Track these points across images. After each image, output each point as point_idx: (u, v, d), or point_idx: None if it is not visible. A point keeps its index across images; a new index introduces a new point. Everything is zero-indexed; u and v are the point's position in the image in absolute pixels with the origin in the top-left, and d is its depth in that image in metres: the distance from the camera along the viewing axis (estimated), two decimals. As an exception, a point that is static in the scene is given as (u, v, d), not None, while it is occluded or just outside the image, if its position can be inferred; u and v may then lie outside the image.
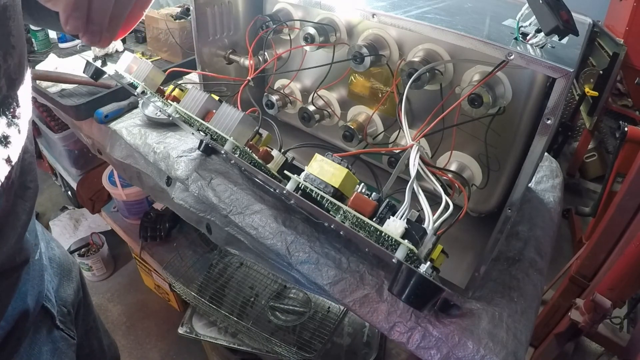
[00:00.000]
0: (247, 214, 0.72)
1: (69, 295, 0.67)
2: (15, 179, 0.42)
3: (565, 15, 0.43)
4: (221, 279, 1.37)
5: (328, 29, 0.71)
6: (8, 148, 0.39)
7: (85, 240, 1.83)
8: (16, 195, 0.43)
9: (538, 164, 0.49)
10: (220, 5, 0.80)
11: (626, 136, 1.40)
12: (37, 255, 0.56)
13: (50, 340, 0.58)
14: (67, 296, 0.66)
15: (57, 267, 0.67)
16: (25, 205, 0.45)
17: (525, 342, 0.56)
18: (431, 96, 0.67)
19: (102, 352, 0.82)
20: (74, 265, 0.73)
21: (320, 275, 0.64)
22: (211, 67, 0.84)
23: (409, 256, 0.44)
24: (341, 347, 1.24)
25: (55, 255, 0.68)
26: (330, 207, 0.49)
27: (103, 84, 1.06)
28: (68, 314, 0.64)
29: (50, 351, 0.57)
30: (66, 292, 0.66)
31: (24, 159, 0.43)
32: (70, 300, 0.66)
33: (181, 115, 0.66)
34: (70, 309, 0.65)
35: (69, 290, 0.67)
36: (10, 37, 0.37)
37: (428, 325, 0.57)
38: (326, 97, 0.80)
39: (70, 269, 0.71)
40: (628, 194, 1.13)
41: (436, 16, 0.54)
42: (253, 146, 0.62)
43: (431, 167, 0.51)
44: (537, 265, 0.67)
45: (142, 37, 1.42)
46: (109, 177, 1.47)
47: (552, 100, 0.43)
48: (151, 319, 1.71)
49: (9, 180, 0.40)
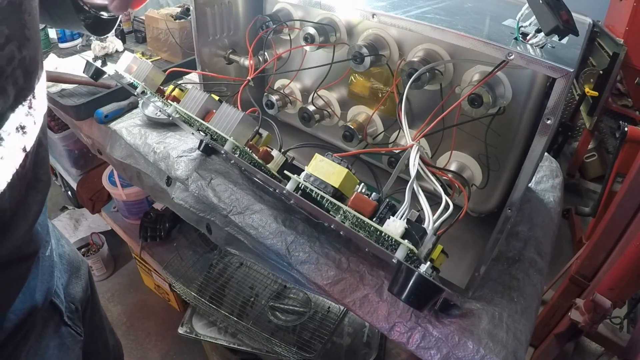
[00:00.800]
0: (247, 214, 0.72)
1: (78, 292, 0.68)
2: (30, 170, 0.43)
3: (565, 15, 0.43)
4: (221, 279, 1.37)
5: (328, 29, 0.71)
6: (24, 137, 0.41)
7: (85, 240, 1.83)
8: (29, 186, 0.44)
9: (538, 164, 0.49)
10: (220, 5, 0.80)
11: (626, 136, 1.40)
12: (48, 251, 0.57)
13: (57, 335, 0.59)
14: (76, 293, 0.67)
15: (67, 264, 0.67)
16: (37, 196, 0.46)
17: (525, 342, 0.56)
18: (431, 96, 0.67)
19: (106, 351, 0.82)
20: (83, 263, 0.74)
21: (320, 275, 0.64)
22: (211, 67, 0.84)
23: (409, 256, 0.44)
24: (341, 347, 1.24)
25: (65, 252, 0.69)
26: (330, 207, 0.49)
27: (103, 84, 1.06)
28: (76, 310, 0.65)
29: (57, 346, 0.58)
30: (74, 289, 0.67)
31: (37, 152, 0.44)
32: (79, 297, 0.67)
33: (181, 115, 0.66)
34: (78, 306, 0.66)
35: (77, 287, 0.68)
36: (25, 30, 0.39)
37: (428, 325, 0.57)
38: (326, 97, 0.80)
39: (79, 266, 0.72)
40: (628, 194, 1.13)
41: (436, 16, 0.54)
42: (253, 146, 0.62)
43: (431, 167, 0.51)
44: (537, 265, 0.67)
45: (142, 37, 1.42)
46: (109, 177, 1.47)
47: (552, 100, 0.43)
48: (151, 319, 1.71)
49: (24, 169, 0.42)
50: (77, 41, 1.38)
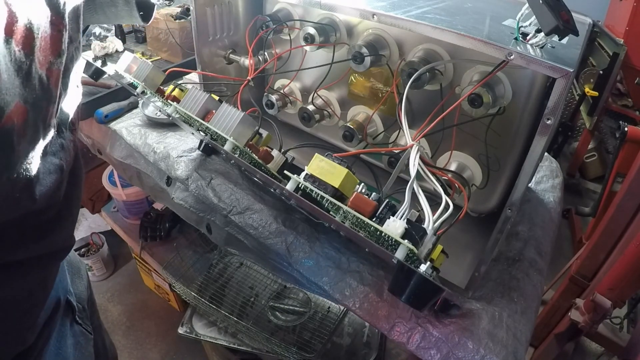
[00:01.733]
0: (247, 214, 0.72)
1: (82, 292, 0.68)
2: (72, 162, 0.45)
3: (565, 15, 0.43)
4: (221, 279, 1.37)
5: (328, 29, 0.71)
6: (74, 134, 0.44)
7: (85, 240, 1.83)
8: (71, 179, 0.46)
9: (538, 164, 0.49)
10: (220, 5, 0.80)
11: (626, 136, 1.40)
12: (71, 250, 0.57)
13: (72, 334, 0.60)
14: (80, 292, 0.68)
15: (69, 265, 0.68)
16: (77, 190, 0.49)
17: (525, 342, 0.56)
18: (431, 96, 0.67)
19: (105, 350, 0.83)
20: (82, 264, 0.75)
21: (320, 275, 0.64)
22: (211, 67, 0.84)
23: (409, 256, 0.44)
24: (341, 347, 1.24)
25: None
26: (330, 207, 0.49)
27: (103, 84, 1.06)
28: (83, 309, 0.65)
29: (72, 345, 0.59)
30: (79, 289, 0.68)
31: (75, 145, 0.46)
32: (84, 297, 0.68)
33: (181, 115, 0.66)
34: (84, 305, 0.67)
35: (80, 287, 0.69)
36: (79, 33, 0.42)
37: (428, 325, 0.57)
38: (326, 97, 0.80)
39: (79, 267, 0.72)
40: (628, 194, 1.13)
41: (436, 16, 0.54)
42: (253, 146, 0.62)
43: (431, 167, 0.51)
44: (537, 265, 0.67)
45: (142, 37, 1.42)
46: (109, 177, 1.47)
47: (552, 100, 0.43)
48: (151, 319, 1.71)
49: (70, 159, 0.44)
50: (77, 41, 1.38)
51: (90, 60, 1.19)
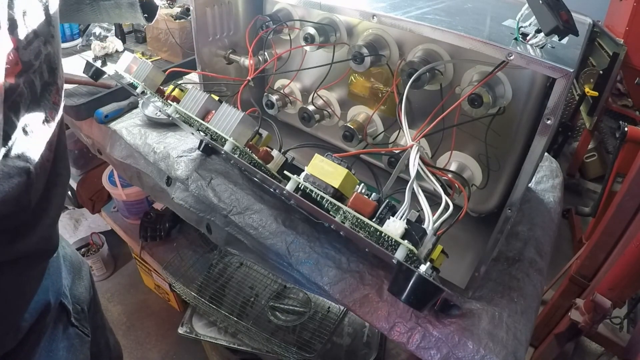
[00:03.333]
0: (247, 214, 0.72)
1: (82, 293, 0.68)
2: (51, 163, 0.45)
3: (565, 15, 0.43)
4: (221, 279, 1.37)
5: (328, 29, 0.71)
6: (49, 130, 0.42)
7: (85, 240, 1.83)
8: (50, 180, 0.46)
9: (538, 164, 0.49)
10: (220, 5, 0.80)
11: (626, 136, 1.40)
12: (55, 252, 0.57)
13: (66, 337, 0.59)
14: (80, 294, 0.67)
15: (70, 266, 0.68)
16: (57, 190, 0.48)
17: (525, 342, 0.56)
18: (431, 96, 0.67)
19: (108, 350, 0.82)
20: (84, 264, 0.74)
21: (320, 275, 0.64)
22: (211, 67, 0.84)
23: (408, 256, 0.44)
24: (341, 347, 1.24)
25: (67, 253, 0.69)
26: (330, 207, 0.49)
27: (103, 84, 1.06)
28: (82, 311, 0.65)
29: (65, 348, 0.58)
30: (78, 290, 0.67)
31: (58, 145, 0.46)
32: (83, 298, 0.68)
33: (181, 115, 0.66)
34: (83, 307, 0.66)
35: (81, 288, 0.68)
36: (51, 27, 0.41)
37: (428, 325, 0.57)
38: (326, 97, 0.80)
39: (81, 267, 0.72)
40: (628, 194, 1.13)
41: (436, 17, 0.54)
42: (253, 146, 0.62)
43: (431, 167, 0.51)
44: (537, 265, 0.67)
45: (142, 37, 1.42)
46: (109, 177, 1.47)
47: (552, 100, 0.43)
48: (151, 319, 1.71)
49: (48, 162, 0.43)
50: (77, 41, 1.38)
51: (90, 61, 1.19)
